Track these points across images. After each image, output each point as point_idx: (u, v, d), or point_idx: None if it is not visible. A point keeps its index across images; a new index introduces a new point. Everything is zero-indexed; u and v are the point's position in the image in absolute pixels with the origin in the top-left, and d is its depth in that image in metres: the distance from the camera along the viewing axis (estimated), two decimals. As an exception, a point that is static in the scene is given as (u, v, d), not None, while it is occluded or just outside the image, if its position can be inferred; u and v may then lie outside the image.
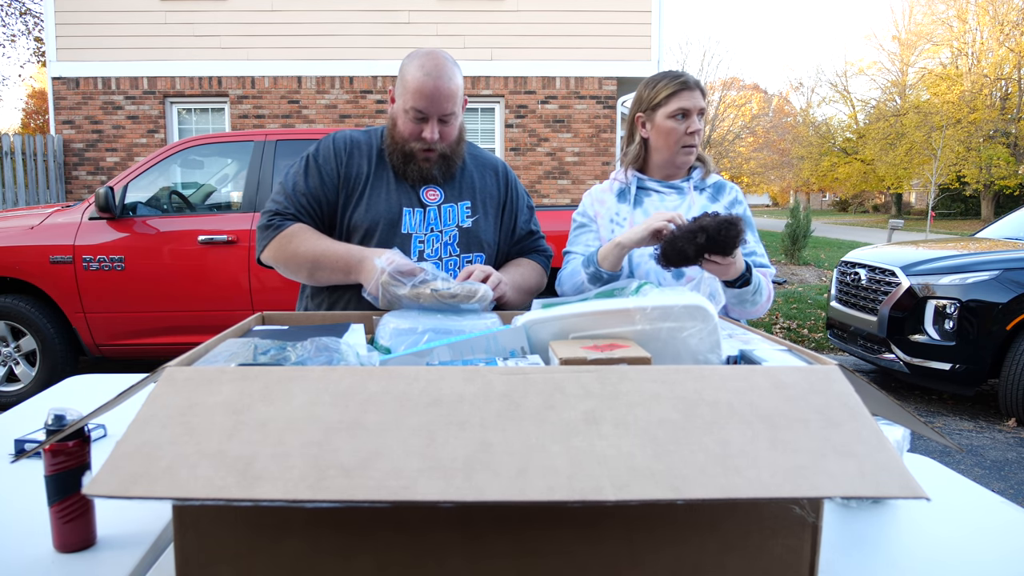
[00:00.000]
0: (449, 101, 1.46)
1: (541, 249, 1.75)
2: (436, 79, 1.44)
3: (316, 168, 1.55)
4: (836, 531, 0.96)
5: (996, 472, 3.45)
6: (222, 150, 4.79)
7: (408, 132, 1.50)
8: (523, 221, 1.72)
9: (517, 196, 1.72)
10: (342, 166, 1.54)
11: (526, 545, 0.72)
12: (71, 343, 4.29)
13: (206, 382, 0.73)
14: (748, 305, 1.59)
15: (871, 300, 4.73)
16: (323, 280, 1.48)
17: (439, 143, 1.50)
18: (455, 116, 1.51)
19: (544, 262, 1.74)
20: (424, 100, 1.44)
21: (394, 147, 1.54)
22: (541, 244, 1.76)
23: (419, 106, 1.45)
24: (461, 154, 1.60)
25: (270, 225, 1.51)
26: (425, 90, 1.44)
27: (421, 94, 1.44)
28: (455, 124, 1.53)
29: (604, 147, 9.31)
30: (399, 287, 1.24)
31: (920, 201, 32.96)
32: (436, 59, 1.46)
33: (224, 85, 9.13)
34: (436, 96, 1.44)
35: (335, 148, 1.56)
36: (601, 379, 0.75)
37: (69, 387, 1.62)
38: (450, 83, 1.46)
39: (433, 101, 1.45)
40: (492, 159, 1.73)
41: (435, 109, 1.46)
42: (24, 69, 31.23)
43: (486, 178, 1.67)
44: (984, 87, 23.24)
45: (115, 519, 0.92)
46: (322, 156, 1.56)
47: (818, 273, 10.08)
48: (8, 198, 8.33)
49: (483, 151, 1.74)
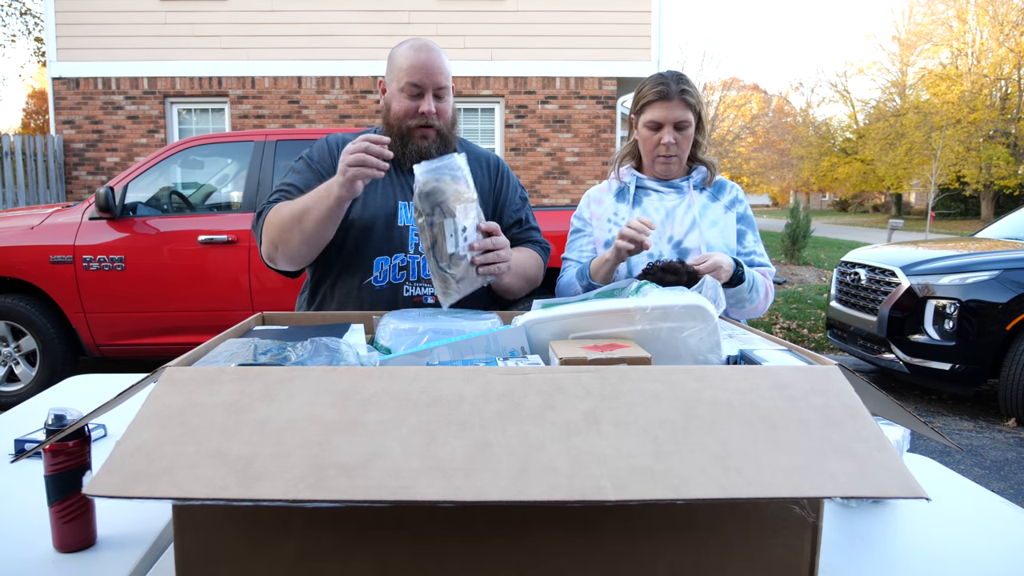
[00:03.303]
0: (441, 75, 1.49)
1: (536, 240, 1.72)
2: (428, 52, 1.48)
3: (310, 165, 1.56)
4: (836, 531, 0.96)
5: (996, 472, 3.45)
6: (222, 150, 4.79)
7: (404, 110, 1.51)
8: (513, 210, 1.69)
9: (508, 186, 1.70)
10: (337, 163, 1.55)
11: (526, 545, 0.72)
12: (71, 343, 4.29)
13: (206, 382, 0.73)
14: (746, 304, 1.59)
15: (871, 300, 4.73)
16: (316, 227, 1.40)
17: (435, 119, 1.51)
18: (448, 92, 1.53)
19: (542, 252, 1.70)
20: (418, 73, 1.47)
21: (391, 133, 1.53)
22: (535, 235, 1.72)
23: (414, 79, 1.48)
24: (456, 138, 1.61)
25: (260, 215, 1.53)
26: (418, 63, 1.47)
27: (415, 68, 1.47)
28: (449, 102, 1.54)
29: (604, 147, 9.31)
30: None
31: (920, 201, 32.94)
32: (423, 40, 1.51)
33: (224, 85, 9.13)
34: (429, 68, 1.48)
35: (329, 147, 1.58)
36: (601, 379, 0.75)
37: (69, 387, 1.62)
38: (440, 58, 1.50)
39: (427, 73, 1.48)
40: (485, 153, 1.73)
41: (430, 81, 1.48)
42: (24, 69, 31.32)
43: (477, 170, 1.65)
44: (984, 87, 23.24)
45: (115, 519, 0.92)
46: (316, 154, 1.58)
47: (818, 273, 10.08)
48: (8, 198, 8.33)
49: (477, 146, 1.74)
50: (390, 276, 1.51)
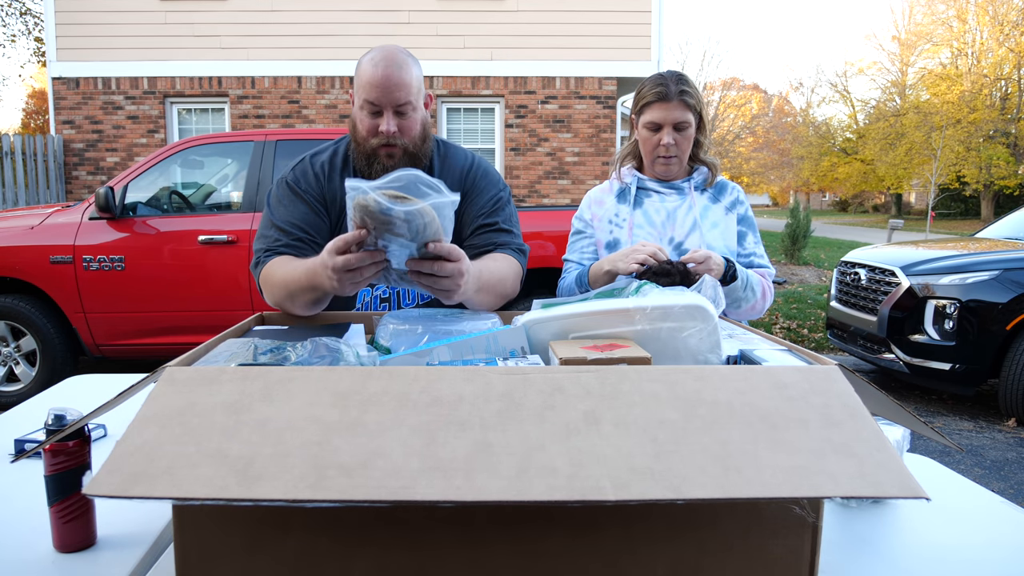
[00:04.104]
0: (401, 90, 1.38)
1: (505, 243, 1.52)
2: (385, 67, 1.37)
3: (296, 192, 1.49)
4: (836, 531, 0.96)
5: (996, 472, 3.45)
6: (222, 150, 4.79)
7: (366, 129, 1.43)
8: (477, 208, 1.53)
9: (475, 189, 1.54)
10: (325, 191, 1.49)
11: (526, 545, 0.72)
12: (71, 343, 4.29)
13: (206, 382, 0.73)
14: (743, 303, 1.59)
15: (871, 300, 4.73)
16: (306, 303, 1.31)
17: (398, 137, 1.42)
18: (412, 107, 1.42)
19: (517, 256, 1.52)
20: (375, 91, 1.38)
21: (358, 152, 1.47)
22: (504, 238, 1.52)
23: (371, 97, 1.39)
24: (427, 153, 1.50)
25: (256, 264, 1.45)
26: (375, 80, 1.38)
27: (372, 85, 1.38)
28: (414, 118, 1.44)
29: (604, 147, 9.31)
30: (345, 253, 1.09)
31: (920, 201, 32.95)
32: (386, 51, 1.41)
33: (224, 85, 9.13)
34: (386, 85, 1.37)
35: (314, 170, 1.51)
36: (601, 379, 0.75)
37: (69, 387, 1.62)
38: (400, 71, 1.38)
39: (384, 90, 1.38)
40: (463, 157, 1.58)
41: (387, 99, 1.39)
42: (24, 69, 31.31)
43: (450, 180, 1.52)
44: (984, 87, 23.25)
45: (115, 519, 0.92)
46: (302, 179, 1.50)
47: (818, 273, 10.08)
48: (8, 198, 8.33)
49: (457, 150, 1.59)
50: (372, 308, 1.50)
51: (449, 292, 1.14)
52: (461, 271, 1.12)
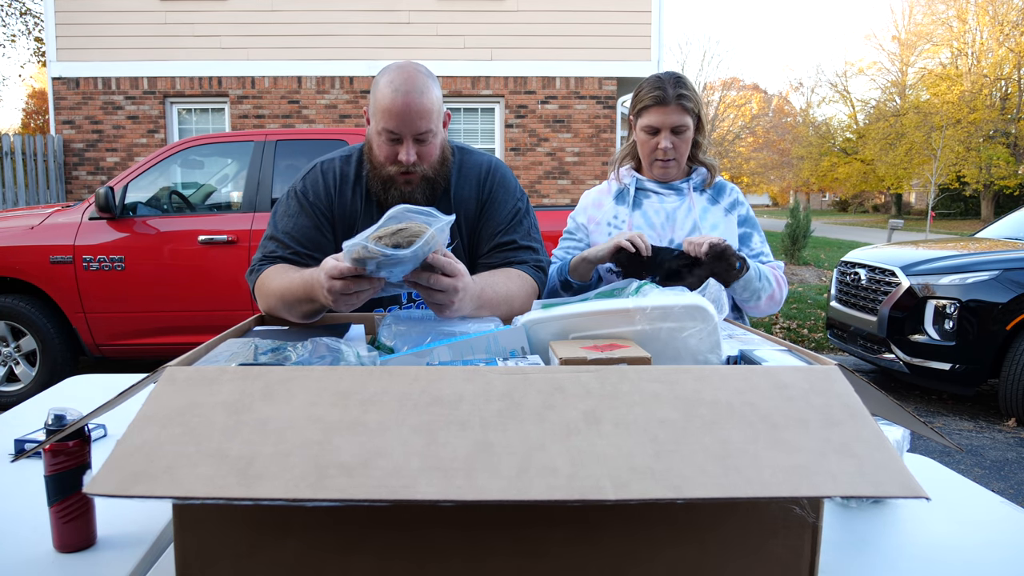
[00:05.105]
0: (422, 119, 1.33)
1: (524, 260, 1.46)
2: (405, 95, 1.31)
3: (303, 206, 1.46)
4: (836, 531, 0.96)
5: (996, 472, 3.45)
6: (222, 150, 4.79)
7: (384, 156, 1.38)
8: (494, 224, 1.48)
9: (493, 201, 1.49)
10: (334, 206, 1.47)
11: (526, 545, 0.72)
12: (71, 343, 4.29)
13: (206, 382, 0.73)
14: (762, 293, 1.59)
15: (871, 300, 4.73)
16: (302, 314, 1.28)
17: (418, 165, 1.38)
18: (432, 134, 1.37)
19: (533, 273, 1.45)
20: (395, 119, 1.32)
21: (373, 174, 1.43)
22: (524, 256, 1.47)
23: (390, 126, 1.33)
24: (446, 175, 1.46)
25: (251, 272, 1.44)
26: (395, 108, 1.31)
27: (391, 113, 1.32)
28: (434, 143, 1.39)
29: (604, 147, 9.31)
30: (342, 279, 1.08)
31: (920, 201, 32.95)
32: (406, 73, 1.33)
33: (224, 85, 9.13)
34: (407, 114, 1.31)
35: (325, 184, 1.47)
36: (601, 379, 0.75)
37: (69, 387, 1.62)
38: (422, 98, 1.32)
39: (404, 120, 1.32)
40: (479, 164, 1.53)
41: (408, 128, 1.33)
42: (24, 69, 31.30)
43: (467, 190, 1.49)
44: (984, 87, 23.25)
45: (115, 519, 0.92)
46: (311, 189, 1.47)
47: (818, 273, 10.07)
48: (8, 198, 8.33)
49: (474, 156, 1.54)
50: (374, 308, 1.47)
51: (442, 307, 1.13)
52: (456, 287, 1.10)
